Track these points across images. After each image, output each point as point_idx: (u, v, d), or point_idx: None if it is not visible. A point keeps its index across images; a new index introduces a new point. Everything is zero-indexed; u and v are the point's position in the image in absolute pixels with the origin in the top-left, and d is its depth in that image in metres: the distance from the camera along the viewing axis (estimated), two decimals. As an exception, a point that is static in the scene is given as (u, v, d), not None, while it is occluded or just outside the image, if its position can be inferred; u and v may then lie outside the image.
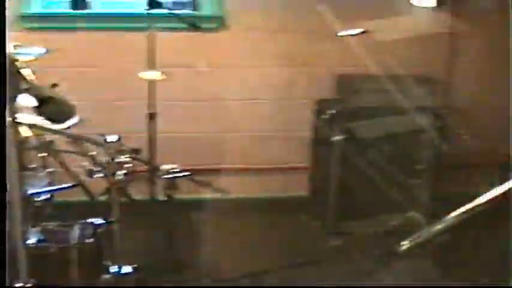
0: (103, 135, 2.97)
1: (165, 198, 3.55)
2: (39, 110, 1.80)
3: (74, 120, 3.37)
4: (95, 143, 2.90)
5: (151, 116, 4.10)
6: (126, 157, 2.94)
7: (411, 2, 3.51)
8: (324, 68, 4.71)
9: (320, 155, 4.60)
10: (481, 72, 4.60)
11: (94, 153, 3.23)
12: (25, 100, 3.28)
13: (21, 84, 1.86)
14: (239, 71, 4.68)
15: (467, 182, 4.64)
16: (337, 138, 4.24)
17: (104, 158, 2.97)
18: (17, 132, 3.03)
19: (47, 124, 3.07)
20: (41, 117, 3.00)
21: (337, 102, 4.51)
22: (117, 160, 2.94)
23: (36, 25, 4.40)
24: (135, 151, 2.96)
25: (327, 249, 4.11)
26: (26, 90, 2.15)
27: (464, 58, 4.59)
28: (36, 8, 4.52)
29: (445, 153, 4.48)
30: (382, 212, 4.21)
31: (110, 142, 2.93)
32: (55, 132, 3.02)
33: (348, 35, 3.99)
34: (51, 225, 3.02)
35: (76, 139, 3.12)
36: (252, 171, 4.83)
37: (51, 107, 1.80)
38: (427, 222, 4.05)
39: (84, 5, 4.61)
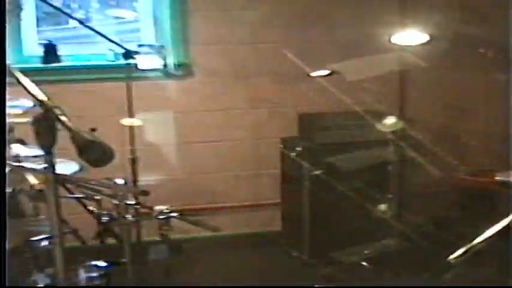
0: (110, 178, 3.07)
1: (160, 238, 3.67)
2: (81, 156, 1.90)
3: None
4: (108, 186, 3.00)
5: (133, 161, 4.24)
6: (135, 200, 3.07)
7: (393, 41, 3.77)
8: (286, 108, 4.99)
9: (291, 190, 4.81)
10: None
11: (99, 197, 3.35)
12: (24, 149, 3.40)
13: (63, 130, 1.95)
14: (207, 115, 4.95)
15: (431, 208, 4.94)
16: (313, 172, 4.45)
17: (113, 201, 3.10)
18: (24, 180, 3.15)
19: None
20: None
21: (300, 139, 4.74)
22: (126, 202, 3.08)
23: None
24: (145, 193, 3.07)
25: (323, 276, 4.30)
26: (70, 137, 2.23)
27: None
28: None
29: (409, 182, 4.77)
30: (357, 241, 4.43)
31: (120, 185, 3.05)
32: (63, 178, 3.10)
33: (318, 76, 4.23)
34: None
35: (85, 183, 3.20)
36: (228, 209, 5.06)
37: (94, 151, 1.90)
38: (399, 247, 4.31)
39: (57, 59, 4.74)
